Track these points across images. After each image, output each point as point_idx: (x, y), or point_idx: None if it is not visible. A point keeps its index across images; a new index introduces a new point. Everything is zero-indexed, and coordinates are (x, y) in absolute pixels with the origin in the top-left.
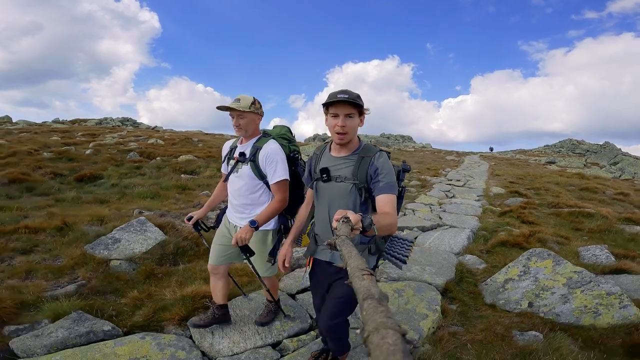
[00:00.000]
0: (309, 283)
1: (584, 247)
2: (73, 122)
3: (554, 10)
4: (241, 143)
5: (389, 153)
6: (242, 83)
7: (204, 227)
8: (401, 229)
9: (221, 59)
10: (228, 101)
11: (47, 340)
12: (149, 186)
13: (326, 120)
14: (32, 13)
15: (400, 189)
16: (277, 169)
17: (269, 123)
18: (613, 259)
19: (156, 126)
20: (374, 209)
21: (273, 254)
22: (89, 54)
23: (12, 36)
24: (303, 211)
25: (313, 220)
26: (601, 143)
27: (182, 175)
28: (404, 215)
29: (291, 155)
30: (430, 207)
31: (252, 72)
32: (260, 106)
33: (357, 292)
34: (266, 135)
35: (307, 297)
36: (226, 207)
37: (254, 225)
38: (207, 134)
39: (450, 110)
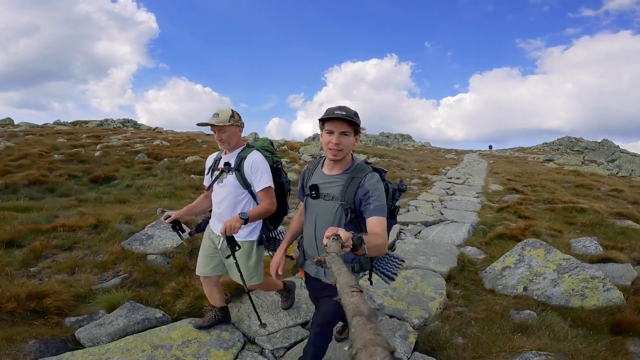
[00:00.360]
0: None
1: (575, 239)
2: (74, 123)
3: (551, 8)
4: (225, 154)
5: (385, 172)
6: (240, 83)
7: (182, 228)
8: (405, 224)
9: (220, 59)
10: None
11: (110, 329)
12: (163, 186)
13: (321, 135)
14: (28, 14)
15: (394, 208)
16: (263, 177)
17: (268, 123)
18: (601, 249)
19: (157, 127)
20: (361, 230)
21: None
22: (86, 55)
23: (10, 37)
24: (296, 221)
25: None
26: (599, 140)
27: (193, 176)
28: (407, 211)
29: (274, 166)
30: (432, 204)
31: (250, 72)
32: (240, 118)
33: (347, 309)
34: (250, 146)
35: None
36: (209, 217)
37: (245, 217)
38: (209, 134)
39: (449, 108)
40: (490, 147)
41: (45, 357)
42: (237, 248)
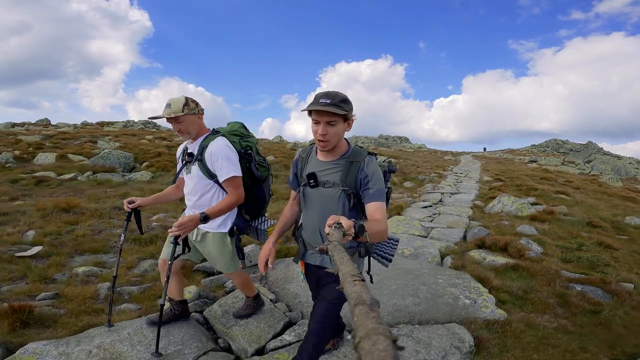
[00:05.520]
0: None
1: (525, 198)
2: (101, 124)
3: (542, 10)
4: (190, 144)
5: (376, 155)
6: (233, 83)
7: (138, 218)
8: (442, 193)
9: (213, 59)
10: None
11: None
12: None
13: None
14: (20, 13)
15: (387, 189)
16: (224, 166)
17: (261, 124)
18: (535, 201)
19: None
20: (363, 214)
21: (239, 254)
22: (79, 54)
23: (0, 36)
24: (287, 212)
25: (301, 223)
26: (584, 142)
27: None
28: (439, 189)
29: (242, 151)
30: (451, 186)
31: (244, 72)
32: (196, 105)
33: (349, 298)
34: (214, 132)
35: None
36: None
37: (204, 215)
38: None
39: (442, 109)
40: (485, 149)
41: None
42: (186, 250)
